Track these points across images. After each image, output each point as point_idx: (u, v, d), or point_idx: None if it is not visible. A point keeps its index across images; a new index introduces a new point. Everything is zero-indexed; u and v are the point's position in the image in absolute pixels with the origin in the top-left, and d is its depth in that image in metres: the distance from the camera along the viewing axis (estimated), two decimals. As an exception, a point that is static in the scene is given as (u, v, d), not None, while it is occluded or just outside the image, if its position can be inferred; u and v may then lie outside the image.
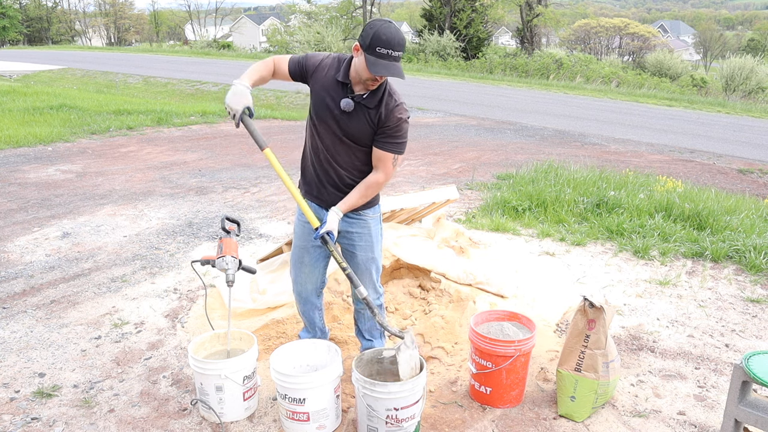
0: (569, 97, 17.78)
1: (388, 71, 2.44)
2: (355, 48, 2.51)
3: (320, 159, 2.76)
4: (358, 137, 2.65)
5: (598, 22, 46.31)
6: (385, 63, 2.43)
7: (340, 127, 2.65)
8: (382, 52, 2.42)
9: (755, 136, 12.43)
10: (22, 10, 54.40)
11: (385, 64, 2.43)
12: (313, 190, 2.84)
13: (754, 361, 2.46)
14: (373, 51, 2.42)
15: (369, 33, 2.43)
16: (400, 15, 74.36)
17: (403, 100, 2.67)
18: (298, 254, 2.96)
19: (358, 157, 2.71)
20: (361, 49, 2.48)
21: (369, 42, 2.42)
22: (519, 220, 5.77)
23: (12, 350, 3.40)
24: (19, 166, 7.70)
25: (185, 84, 19.32)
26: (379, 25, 2.44)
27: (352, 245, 2.87)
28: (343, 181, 2.75)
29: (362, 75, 2.52)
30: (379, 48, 2.41)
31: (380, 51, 2.41)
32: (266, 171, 7.67)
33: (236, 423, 2.81)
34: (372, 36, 2.42)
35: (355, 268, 2.88)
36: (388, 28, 2.43)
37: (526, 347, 2.85)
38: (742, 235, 5.18)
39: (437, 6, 31.58)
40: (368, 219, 2.84)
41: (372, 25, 2.45)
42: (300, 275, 3.00)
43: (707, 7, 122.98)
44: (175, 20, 68.35)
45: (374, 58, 2.43)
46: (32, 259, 4.72)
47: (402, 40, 2.44)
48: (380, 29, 2.42)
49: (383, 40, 2.41)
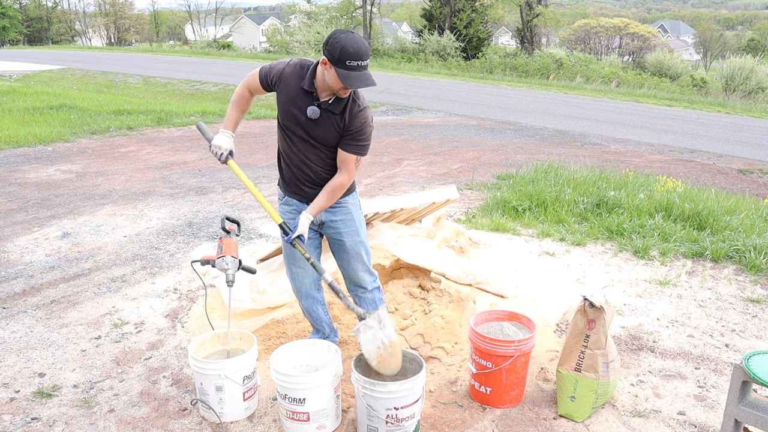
0: (569, 97, 17.78)
1: (362, 82, 2.50)
2: (323, 62, 2.55)
3: (293, 160, 2.87)
4: (326, 140, 2.74)
5: (598, 22, 46.30)
6: (357, 74, 2.49)
7: (308, 132, 2.74)
8: (353, 65, 2.47)
9: (755, 136, 12.43)
10: (22, 10, 54.40)
11: (357, 76, 2.49)
12: (292, 187, 2.94)
13: (754, 361, 2.46)
14: (344, 65, 2.47)
15: (336, 47, 2.47)
16: (400, 15, 74.38)
17: (367, 104, 2.75)
18: (289, 250, 2.99)
19: (328, 155, 2.81)
20: (329, 63, 2.51)
21: (338, 56, 2.46)
22: (519, 220, 5.77)
23: (12, 350, 3.40)
24: (19, 166, 7.70)
25: (185, 84, 19.32)
26: (344, 38, 2.47)
27: (338, 233, 2.94)
28: (319, 176, 2.85)
29: (334, 87, 2.58)
30: (349, 61, 2.46)
31: (350, 64, 2.47)
32: (266, 171, 7.68)
33: (236, 423, 2.81)
34: (340, 50, 2.45)
35: (345, 255, 2.97)
36: (353, 39, 2.48)
37: (526, 347, 2.85)
38: (742, 235, 5.18)
39: (437, 6, 31.59)
40: (349, 205, 2.94)
41: (337, 39, 2.48)
42: (296, 271, 3.04)
43: (707, 7, 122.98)
44: (175, 20, 68.35)
45: (346, 71, 2.48)
46: (32, 259, 4.72)
47: (368, 48, 2.53)
48: (347, 42, 2.46)
49: (351, 53, 2.45)
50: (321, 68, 2.59)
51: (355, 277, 3.04)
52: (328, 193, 2.79)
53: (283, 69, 2.72)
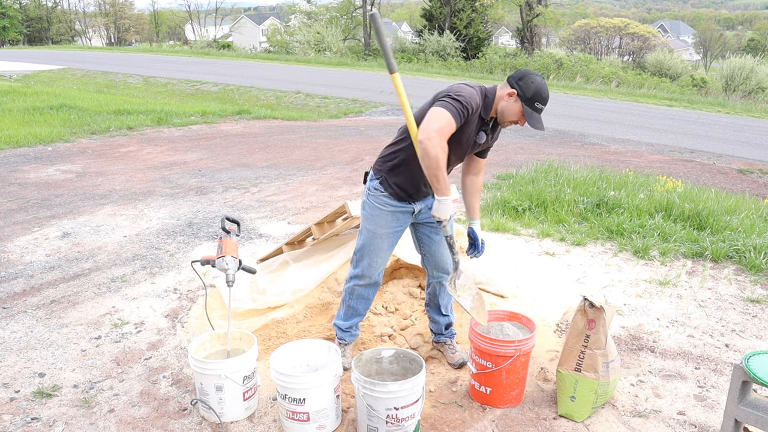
0: (569, 97, 17.78)
1: (539, 124, 2.70)
2: (509, 93, 2.70)
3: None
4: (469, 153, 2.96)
5: (598, 22, 46.31)
6: (538, 117, 2.70)
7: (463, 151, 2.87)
8: (539, 107, 2.69)
9: (755, 136, 12.43)
10: (22, 10, 54.40)
11: (538, 118, 2.70)
12: (412, 195, 2.94)
13: (754, 361, 2.46)
14: (532, 105, 2.67)
15: (531, 87, 2.65)
16: (400, 15, 74.39)
17: None
18: (379, 242, 3.00)
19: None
20: (518, 97, 2.68)
21: (531, 96, 2.66)
22: (519, 220, 5.77)
23: (12, 350, 3.40)
24: (19, 166, 7.70)
25: (185, 84, 19.33)
26: (540, 81, 2.67)
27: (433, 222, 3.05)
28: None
29: (510, 118, 2.74)
30: (538, 103, 2.67)
31: (538, 106, 2.68)
32: (266, 171, 7.67)
33: (236, 423, 2.81)
34: (534, 91, 2.65)
35: (437, 244, 3.12)
36: (545, 85, 2.70)
37: (526, 347, 2.84)
38: (742, 235, 5.18)
39: (437, 6, 31.59)
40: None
41: (533, 80, 2.67)
42: (378, 260, 3.05)
43: (707, 7, 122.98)
44: (175, 20, 68.35)
45: (532, 111, 2.68)
46: (32, 259, 4.72)
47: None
48: (541, 86, 2.66)
49: (543, 98, 2.67)
50: (505, 98, 2.72)
51: (443, 263, 3.13)
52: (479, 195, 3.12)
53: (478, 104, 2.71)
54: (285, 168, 7.85)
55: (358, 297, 3.15)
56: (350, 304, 3.18)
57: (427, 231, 3.11)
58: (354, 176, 7.48)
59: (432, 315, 3.34)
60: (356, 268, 3.10)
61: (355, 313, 3.20)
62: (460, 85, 2.70)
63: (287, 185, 7.02)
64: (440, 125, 2.55)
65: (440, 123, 2.55)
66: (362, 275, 3.07)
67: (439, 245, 3.11)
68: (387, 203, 2.93)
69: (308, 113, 13.71)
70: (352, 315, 3.20)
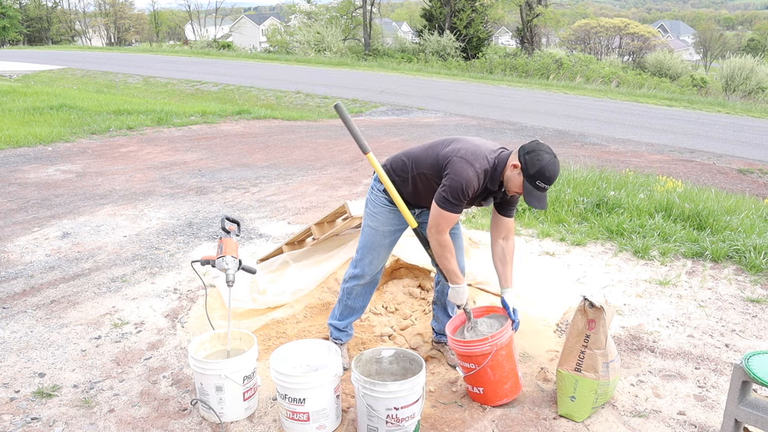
0: (569, 97, 17.78)
1: (539, 204, 2.60)
2: (514, 165, 2.63)
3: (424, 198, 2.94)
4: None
5: (598, 22, 46.29)
6: (539, 195, 2.60)
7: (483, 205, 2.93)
8: (541, 186, 2.58)
9: (755, 136, 12.43)
10: (22, 10, 54.37)
11: (539, 196, 2.60)
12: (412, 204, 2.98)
13: (754, 361, 2.46)
14: (534, 183, 2.58)
15: (536, 165, 2.55)
16: (400, 15, 74.38)
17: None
18: (380, 239, 3.03)
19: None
20: (521, 171, 2.60)
21: (534, 173, 2.56)
22: (519, 220, 5.77)
23: (12, 350, 3.40)
24: (19, 166, 7.70)
25: (185, 84, 19.32)
26: (547, 159, 2.56)
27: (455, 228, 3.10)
28: None
29: (512, 189, 2.68)
30: (540, 182, 2.57)
31: (540, 185, 2.57)
32: (266, 171, 7.68)
33: (236, 423, 2.81)
34: (538, 169, 2.55)
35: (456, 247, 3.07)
36: (553, 165, 2.57)
37: (502, 340, 2.81)
38: (742, 235, 5.18)
39: (437, 6, 31.60)
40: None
41: (540, 157, 2.56)
42: (378, 258, 3.07)
43: (707, 7, 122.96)
44: (175, 20, 68.32)
45: (532, 188, 2.59)
46: (32, 259, 4.72)
47: (558, 174, 2.61)
48: (547, 165, 2.55)
49: (547, 177, 2.56)
50: (510, 169, 2.65)
51: (461, 264, 3.12)
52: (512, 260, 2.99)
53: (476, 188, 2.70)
54: (285, 168, 7.85)
55: (356, 296, 3.16)
56: (347, 303, 3.18)
57: None
58: (354, 176, 7.48)
59: (437, 313, 3.34)
60: (356, 268, 3.10)
61: (351, 313, 3.21)
62: (459, 169, 2.65)
63: (287, 185, 7.02)
64: (440, 227, 2.73)
65: (440, 225, 2.73)
66: (362, 275, 3.08)
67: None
68: (389, 202, 2.97)
69: (308, 113, 13.71)
70: (349, 314, 3.21)
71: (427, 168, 2.79)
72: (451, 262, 2.82)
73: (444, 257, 2.81)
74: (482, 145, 2.75)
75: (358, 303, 3.20)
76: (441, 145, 2.83)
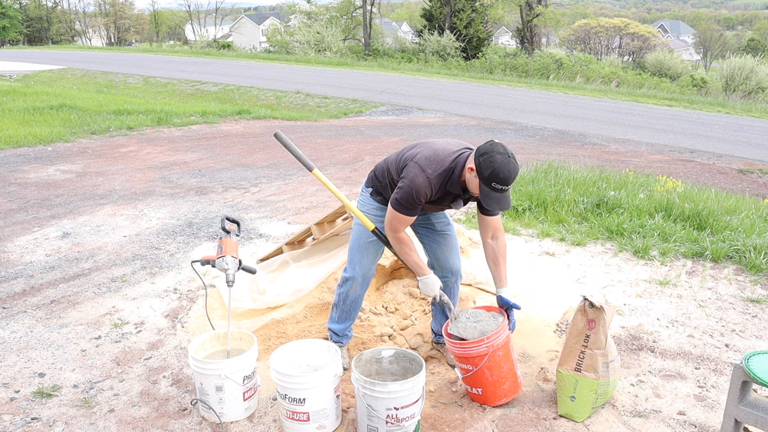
0: (569, 97, 17.78)
1: (498, 205, 2.60)
2: (470, 168, 2.62)
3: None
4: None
5: (598, 22, 46.25)
6: (497, 196, 2.58)
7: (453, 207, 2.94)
8: (497, 188, 2.55)
9: (755, 136, 12.43)
10: (22, 10, 54.32)
11: (497, 198, 2.58)
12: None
13: (754, 361, 2.46)
14: (489, 185, 2.55)
15: (488, 167, 2.52)
16: (400, 15, 74.36)
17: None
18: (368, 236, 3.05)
19: None
20: (477, 173, 2.58)
21: (487, 175, 2.53)
22: (519, 220, 5.77)
23: (12, 350, 3.40)
24: (19, 166, 7.70)
25: (185, 84, 19.32)
26: (500, 161, 2.51)
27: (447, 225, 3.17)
28: None
29: (472, 191, 2.68)
30: (495, 184, 2.54)
31: (495, 186, 2.55)
32: (266, 171, 7.68)
33: (236, 423, 2.81)
34: (491, 172, 2.52)
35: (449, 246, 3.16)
36: (507, 166, 2.52)
37: (498, 341, 2.80)
38: (742, 235, 5.18)
39: (437, 6, 31.58)
40: None
41: (492, 159, 2.52)
42: (368, 257, 3.08)
43: (707, 7, 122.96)
44: (175, 20, 68.30)
45: (489, 190, 2.57)
46: (32, 259, 4.72)
47: (516, 174, 2.56)
48: (500, 167, 2.51)
49: (500, 179, 2.52)
50: (468, 171, 2.64)
51: (447, 263, 3.14)
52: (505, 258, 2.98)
53: (427, 194, 2.72)
54: (285, 168, 7.85)
55: (352, 301, 3.17)
56: (344, 308, 3.20)
57: (427, 233, 3.14)
58: (354, 176, 7.48)
59: (436, 314, 3.35)
60: (347, 272, 3.11)
61: (349, 317, 3.23)
62: (413, 175, 2.68)
63: (287, 185, 7.02)
64: (394, 226, 2.80)
65: (393, 224, 2.80)
66: (353, 277, 3.10)
67: (441, 245, 3.12)
68: (377, 202, 3.04)
69: (308, 113, 13.71)
70: (347, 318, 3.23)
71: (395, 173, 2.86)
72: (411, 256, 2.85)
73: (403, 252, 2.86)
74: (442, 150, 2.74)
75: (355, 305, 3.20)
76: (407, 149, 2.89)
